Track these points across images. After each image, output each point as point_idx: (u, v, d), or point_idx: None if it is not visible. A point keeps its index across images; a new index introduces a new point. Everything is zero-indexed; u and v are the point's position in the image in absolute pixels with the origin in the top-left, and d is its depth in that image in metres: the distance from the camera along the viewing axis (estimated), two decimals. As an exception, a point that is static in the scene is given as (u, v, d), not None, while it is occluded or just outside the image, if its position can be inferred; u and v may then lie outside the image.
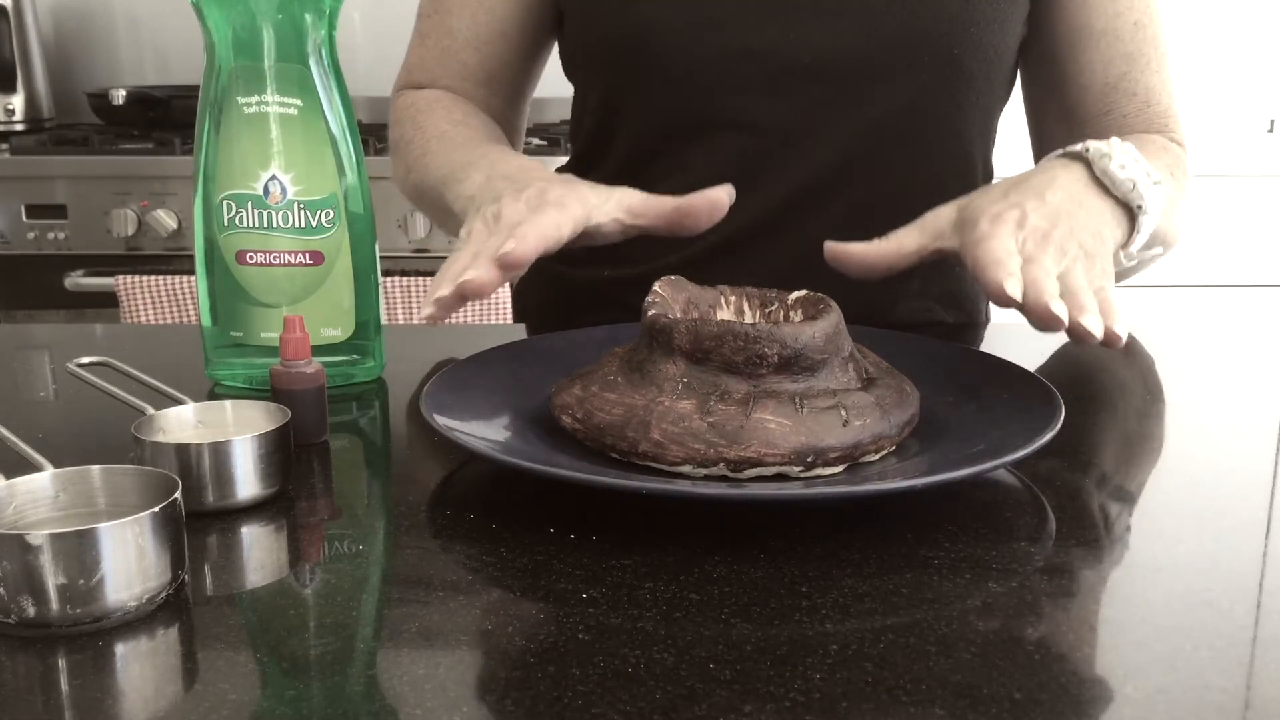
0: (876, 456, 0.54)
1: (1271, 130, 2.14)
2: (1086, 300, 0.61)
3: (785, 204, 0.87)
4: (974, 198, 0.69)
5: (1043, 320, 0.60)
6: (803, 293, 0.61)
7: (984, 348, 0.70)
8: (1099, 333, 0.60)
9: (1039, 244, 0.64)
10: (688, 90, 0.85)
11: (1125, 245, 0.71)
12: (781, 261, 0.87)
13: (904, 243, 0.69)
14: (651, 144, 0.88)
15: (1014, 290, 0.60)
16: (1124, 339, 0.61)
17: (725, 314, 0.62)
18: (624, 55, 0.86)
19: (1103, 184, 0.70)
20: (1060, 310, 0.59)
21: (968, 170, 0.90)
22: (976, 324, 0.97)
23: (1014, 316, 0.65)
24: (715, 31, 0.83)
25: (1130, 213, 0.70)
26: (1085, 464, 0.59)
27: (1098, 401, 0.71)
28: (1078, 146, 0.72)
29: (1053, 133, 0.92)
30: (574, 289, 0.97)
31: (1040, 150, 0.94)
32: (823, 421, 0.51)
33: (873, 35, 0.82)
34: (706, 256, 0.88)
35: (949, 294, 0.95)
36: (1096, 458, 0.60)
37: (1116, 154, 0.70)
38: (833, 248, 0.70)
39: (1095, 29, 0.86)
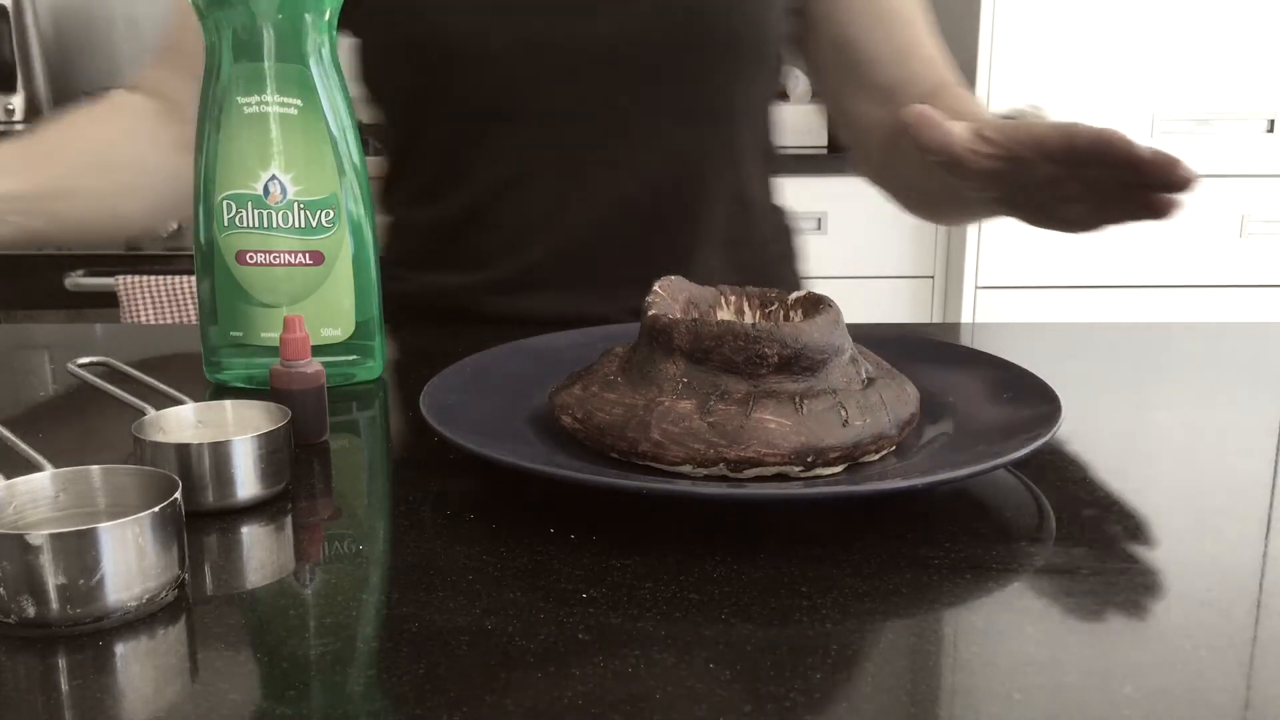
0: (876, 456, 0.54)
1: (1271, 130, 2.14)
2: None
3: (599, 193, 0.91)
4: (979, 122, 0.72)
5: (1167, 161, 0.63)
6: (803, 293, 0.61)
7: (982, 347, 0.70)
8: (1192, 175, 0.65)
9: None
10: (485, 82, 0.88)
11: None
12: (614, 251, 0.93)
13: (962, 132, 0.71)
14: (455, 143, 0.92)
15: (1142, 148, 0.63)
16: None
17: (725, 314, 0.62)
18: (422, 56, 0.89)
19: None
20: (1187, 167, 0.63)
21: (738, 147, 0.96)
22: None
23: (1012, 317, 0.65)
24: (503, 23, 0.87)
25: None
26: (1085, 464, 0.59)
27: (1097, 401, 0.71)
28: (1004, 109, 0.79)
29: (860, 111, 0.99)
30: (409, 300, 0.98)
31: (850, 134, 1.02)
32: (823, 421, 0.51)
33: (651, 16, 0.87)
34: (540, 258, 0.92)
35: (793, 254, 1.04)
36: (1096, 458, 0.60)
37: (1047, 116, 0.74)
38: (922, 111, 0.70)
39: (876, 11, 0.96)
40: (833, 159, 2.18)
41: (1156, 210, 0.66)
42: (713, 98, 0.92)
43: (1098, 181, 0.68)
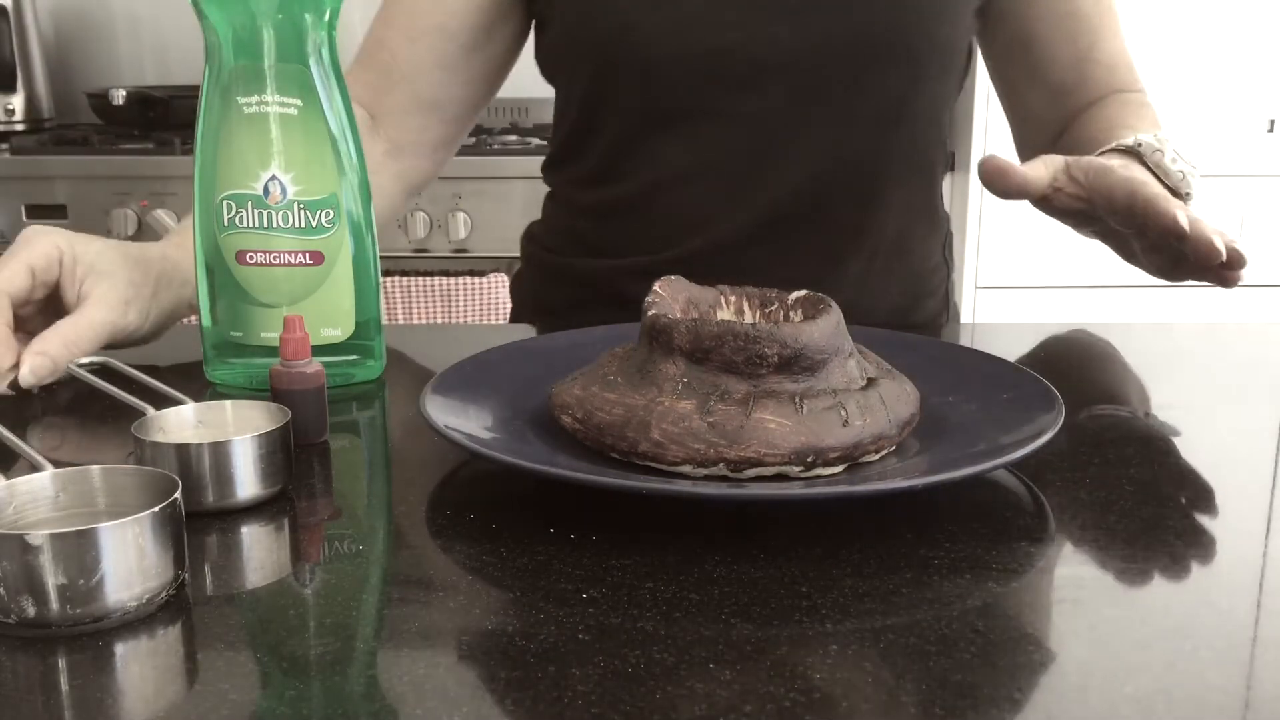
0: (876, 456, 0.54)
1: (1271, 130, 2.14)
2: (1218, 234, 0.69)
3: (760, 195, 0.91)
4: (1077, 158, 0.75)
5: (1207, 250, 0.67)
6: (803, 293, 0.61)
7: (983, 347, 0.70)
8: (1243, 259, 0.69)
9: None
10: (664, 86, 0.88)
11: None
12: (763, 252, 0.92)
13: (1040, 173, 0.74)
14: (630, 137, 0.92)
15: (1184, 221, 0.67)
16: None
17: (725, 314, 0.62)
18: (605, 54, 0.89)
19: (1155, 173, 0.78)
20: (1219, 243, 0.67)
21: (923, 156, 0.96)
22: (940, 311, 1.04)
23: (1012, 317, 0.65)
24: (689, 30, 0.87)
25: (1178, 197, 0.78)
26: (1085, 464, 0.59)
27: (1097, 401, 0.71)
28: (1129, 141, 0.80)
29: (1031, 106, 1.00)
30: (565, 279, 0.98)
31: (1018, 125, 1.03)
32: (823, 421, 0.51)
33: (831, 30, 0.87)
34: (702, 252, 0.92)
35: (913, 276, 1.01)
36: (1096, 457, 0.60)
37: (1168, 149, 0.78)
38: (995, 162, 0.74)
39: (1060, 11, 0.95)
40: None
41: (1217, 281, 0.71)
42: (892, 106, 0.91)
43: (1158, 243, 0.70)
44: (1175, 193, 0.77)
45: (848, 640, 0.41)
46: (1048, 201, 0.75)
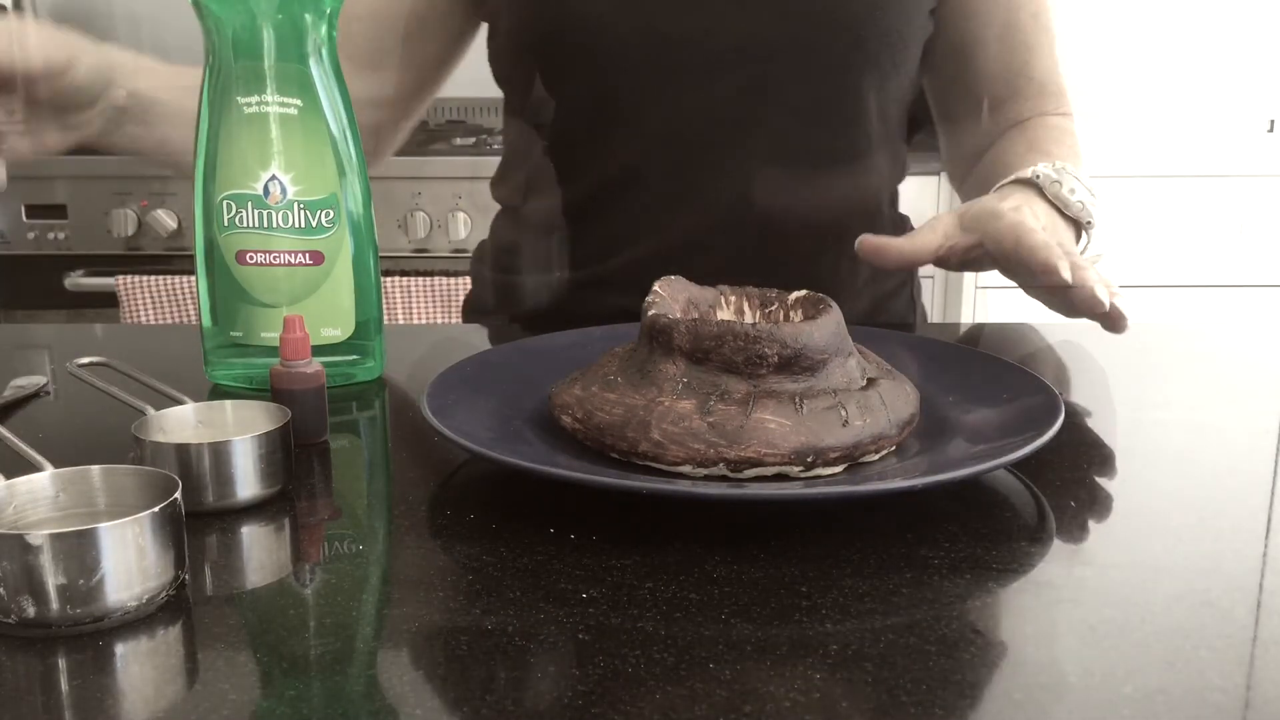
0: (876, 456, 0.54)
1: (1271, 130, 2.14)
2: (1103, 284, 0.70)
3: (710, 193, 0.91)
4: (970, 204, 0.76)
5: (1089, 301, 0.69)
6: (803, 293, 0.61)
7: (982, 347, 0.70)
8: (1125, 316, 0.70)
9: (1056, 239, 0.74)
10: (617, 77, 0.88)
11: None
12: (716, 256, 0.91)
13: (927, 240, 0.76)
14: (578, 133, 0.91)
15: (1066, 272, 0.68)
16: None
17: (725, 314, 0.62)
18: (551, 48, 0.89)
19: (1054, 204, 0.80)
20: (1103, 294, 0.68)
21: (870, 152, 0.95)
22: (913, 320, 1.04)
23: (1012, 317, 0.65)
24: (638, 18, 0.86)
25: (1078, 226, 0.81)
26: (1085, 464, 0.59)
27: (1097, 401, 0.71)
28: (1027, 173, 0.81)
29: (960, 118, 1.00)
30: (515, 298, 0.98)
31: (945, 136, 1.03)
32: (823, 421, 0.51)
33: (785, 20, 0.86)
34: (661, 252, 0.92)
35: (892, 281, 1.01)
36: (1096, 457, 0.60)
37: (1066, 180, 0.80)
38: (871, 241, 0.76)
39: (997, 22, 0.95)
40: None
41: (1107, 328, 0.72)
42: (844, 99, 0.90)
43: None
44: (1076, 223, 0.79)
45: (848, 640, 0.41)
46: (945, 262, 0.76)
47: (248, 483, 0.52)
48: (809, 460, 0.51)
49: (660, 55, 0.86)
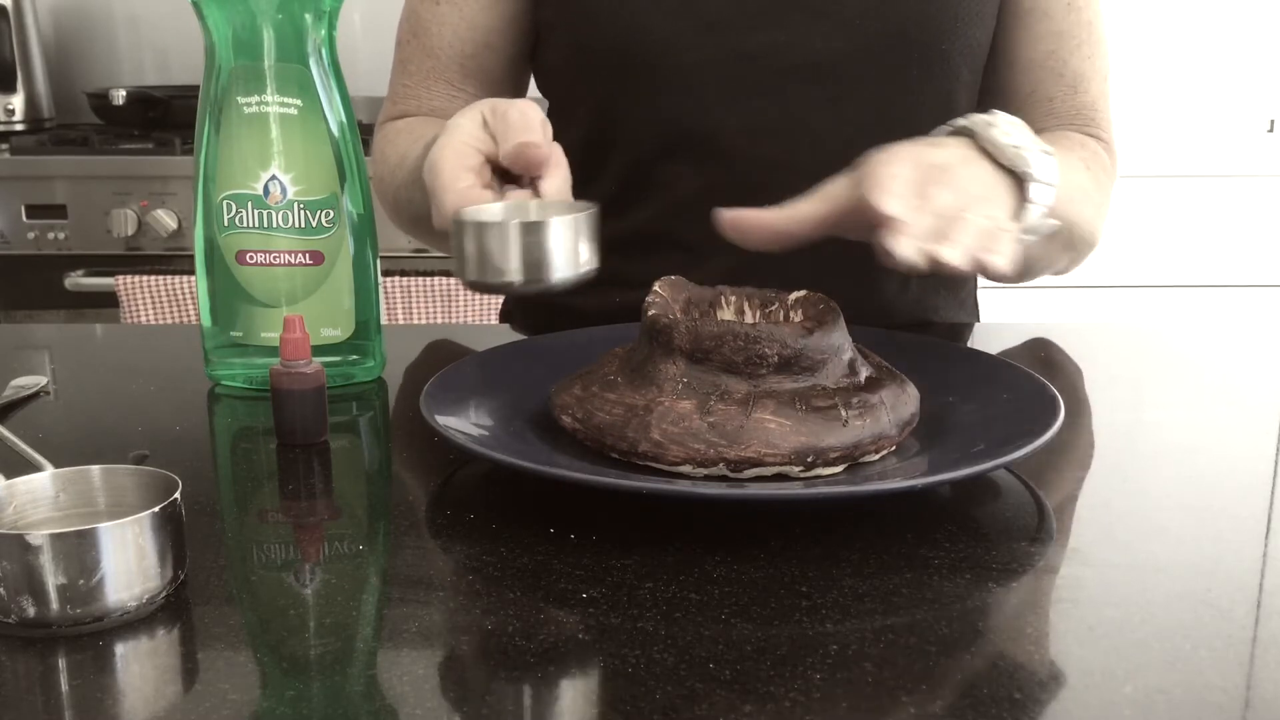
0: (876, 456, 0.54)
1: (1271, 130, 2.14)
2: (957, 232, 0.59)
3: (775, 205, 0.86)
4: (865, 158, 0.66)
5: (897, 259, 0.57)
6: (803, 293, 0.61)
7: (981, 347, 0.70)
8: (959, 263, 0.57)
9: (931, 182, 0.62)
10: (685, 97, 0.84)
11: (1020, 218, 0.68)
12: (788, 263, 0.86)
13: (805, 210, 0.66)
14: (652, 154, 0.87)
15: (889, 206, 0.58)
16: (1005, 270, 0.59)
17: (725, 314, 0.62)
18: (617, 65, 0.84)
19: (990, 153, 0.68)
20: (911, 252, 0.56)
21: None
22: (970, 321, 0.98)
23: (1012, 317, 0.65)
24: (709, 36, 0.82)
25: (1019, 180, 0.68)
26: (1085, 464, 0.59)
27: (1097, 401, 0.71)
28: (961, 120, 0.71)
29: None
30: (563, 319, 0.95)
31: None
32: (823, 421, 0.51)
33: (863, 34, 0.82)
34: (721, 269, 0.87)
35: (945, 283, 0.95)
36: (1096, 457, 0.60)
37: (1001, 123, 0.69)
38: (730, 215, 0.66)
39: (1024, 5, 0.87)
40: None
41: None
42: (916, 112, 0.84)
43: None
44: (1012, 171, 0.68)
45: (848, 640, 0.41)
46: (845, 230, 0.65)
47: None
48: (809, 460, 0.51)
49: (733, 73, 0.83)
